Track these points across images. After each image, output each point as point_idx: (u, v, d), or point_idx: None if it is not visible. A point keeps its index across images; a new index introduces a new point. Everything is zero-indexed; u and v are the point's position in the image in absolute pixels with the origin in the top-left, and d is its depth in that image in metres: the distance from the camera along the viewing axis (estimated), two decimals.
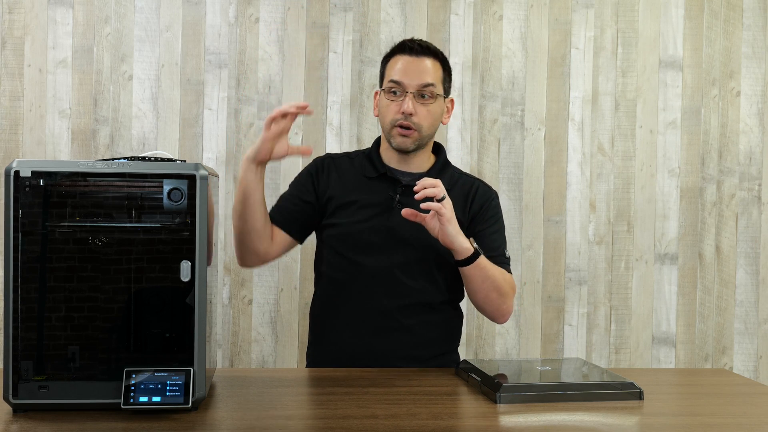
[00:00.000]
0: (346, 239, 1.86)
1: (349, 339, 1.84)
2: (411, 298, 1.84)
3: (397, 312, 1.83)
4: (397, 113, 1.83)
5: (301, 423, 1.26)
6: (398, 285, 1.83)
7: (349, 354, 1.82)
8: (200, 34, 2.63)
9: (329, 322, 1.88)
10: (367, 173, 1.91)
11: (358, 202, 1.87)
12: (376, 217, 1.85)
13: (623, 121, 2.76)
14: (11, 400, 1.28)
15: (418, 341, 1.85)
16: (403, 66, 1.84)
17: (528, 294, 2.73)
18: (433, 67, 1.86)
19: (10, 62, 2.58)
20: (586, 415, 1.35)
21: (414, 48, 1.85)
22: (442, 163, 1.96)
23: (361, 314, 1.84)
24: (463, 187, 1.93)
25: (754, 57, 2.79)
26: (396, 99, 1.84)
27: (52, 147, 2.58)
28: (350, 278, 1.85)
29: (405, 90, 1.83)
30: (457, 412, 1.38)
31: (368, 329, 1.83)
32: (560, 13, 2.74)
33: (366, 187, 1.89)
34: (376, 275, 1.83)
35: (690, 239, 2.78)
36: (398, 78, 1.83)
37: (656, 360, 2.77)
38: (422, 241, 1.81)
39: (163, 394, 1.26)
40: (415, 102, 1.83)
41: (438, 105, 1.88)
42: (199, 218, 1.30)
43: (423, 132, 1.86)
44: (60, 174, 1.29)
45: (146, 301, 1.31)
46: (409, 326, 1.84)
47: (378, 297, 1.83)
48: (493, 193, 1.97)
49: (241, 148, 2.63)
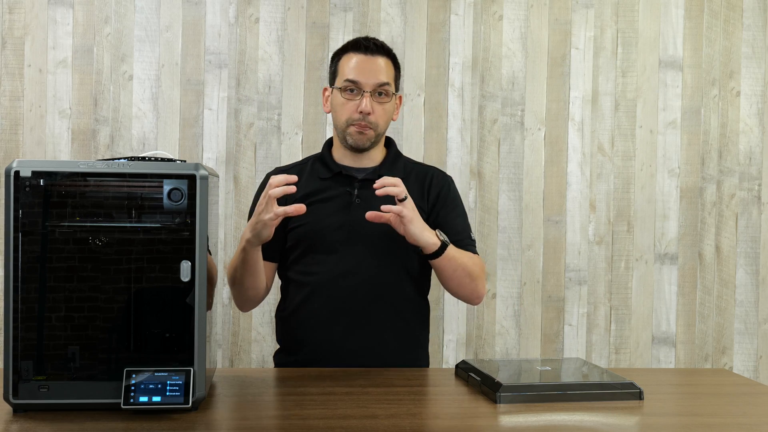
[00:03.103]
0: (311, 239, 1.86)
1: (321, 338, 1.84)
2: (380, 292, 1.84)
3: (367, 307, 1.83)
4: (354, 112, 1.84)
5: (301, 423, 1.26)
6: (366, 280, 1.83)
7: (322, 353, 1.83)
8: (200, 34, 2.64)
9: (300, 324, 1.88)
10: (321, 174, 1.92)
11: (316, 202, 1.88)
12: (336, 214, 1.86)
13: (623, 121, 2.76)
14: (11, 400, 1.28)
15: (390, 333, 1.85)
16: (358, 65, 1.85)
17: (528, 294, 2.73)
18: (387, 66, 1.87)
19: (10, 62, 2.58)
20: (586, 415, 1.35)
21: (369, 47, 1.86)
22: (394, 155, 1.97)
23: (331, 313, 1.83)
24: (418, 175, 1.95)
25: (754, 57, 2.79)
26: (352, 98, 1.85)
27: (52, 147, 2.58)
28: (317, 278, 1.85)
29: (362, 89, 1.84)
30: (457, 412, 1.38)
31: (340, 327, 1.83)
32: (560, 13, 2.74)
33: (322, 188, 1.90)
34: (343, 272, 1.83)
35: (690, 239, 2.78)
36: (354, 77, 1.84)
37: (656, 360, 2.77)
38: (385, 235, 1.81)
39: (163, 394, 1.26)
40: (372, 101, 1.84)
41: (392, 103, 1.90)
42: (199, 218, 1.30)
43: (379, 130, 1.88)
44: (60, 174, 1.29)
45: (146, 301, 1.31)
46: (380, 320, 1.84)
47: (347, 294, 1.83)
48: (449, 179, 1.99)
49: (241, 148, 2.63)
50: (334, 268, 1.83)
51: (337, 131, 1.91)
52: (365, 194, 1.86)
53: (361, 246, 1.84)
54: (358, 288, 1.83)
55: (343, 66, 1.87)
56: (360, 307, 1.83)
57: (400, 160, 1.98)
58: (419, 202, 1.87)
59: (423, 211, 1.86)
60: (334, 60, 1.92)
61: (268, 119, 2.65)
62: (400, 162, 1.97)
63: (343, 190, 1.88)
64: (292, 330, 1.91)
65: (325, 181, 1.91)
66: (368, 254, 1.84)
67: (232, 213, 2.63)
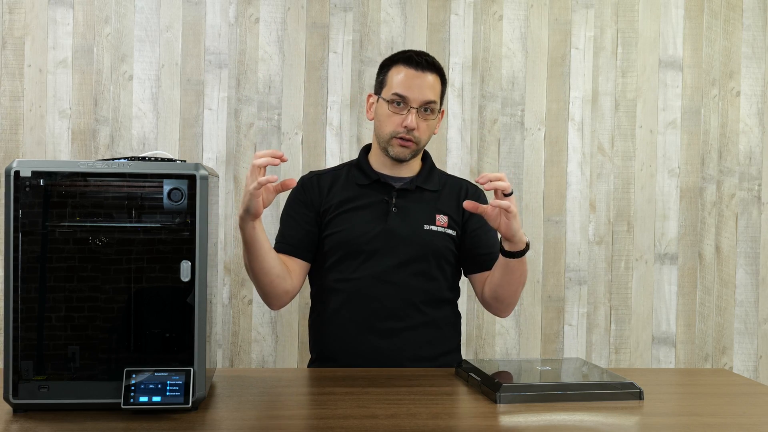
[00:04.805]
0: (347, 245, 1.87)
1: (355, 346, 1.85)
2: (415, 298, 1.87)
3: (402, 312, 1.86)
4: (399, 126, 1.86)
5: (301, 423, 1.26)
6: (401, 286, 1.86)
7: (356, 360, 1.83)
8: (200, 34, 2.64)
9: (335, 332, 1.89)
10: (358, 181, 1.93)
11: (354, 209, 1.89)
12: (373, 222, 1.88)
13: (623, 121, 2.76)
14: (11, 400, 1.28)
15: (424, 340, 1.88)
16: (407, 80, 1.85)
17: (528, 294, 2.73)
18: (435, 83, 1.88)
19: (10, 62, 2.58)
20: (586, 415, 1.35)
21: (420, 63, 1.87)
22: (430, 167, 2.00)
23: (367, 318, 1.85)
24: (453, 187, 1.98)
25: (754, 57, 2.79)
26: (398, 111, 1.86)
27: (52, 147, 2.58)
28: (353, 284, 1.86)
29: (408, 105, 1.85)
30: (457, 412, 1.38)
31: (375, 332, 1.85)
32: (560, 13, 2.74)
33: (359, 195, 1.91)
34: (380, 278, 1.85)
35: (690, 239, 2.78)
36: (402, 92, 1.85)
37: (656, 360, 2.77)
38: (421, 242, 1.86)
39: (163, 394, 1.26)
40: (418, 117, 1.85)
41: (436, 119, 1.92)
42: (199, 218, 1.30)
43: (421, 144, 1.90)
44: (60, 174, 1.29)
45: (146, 301, 1.31)
46: (414, 326, 1.87)
47: (382, 299, 1.85)
48: (480, 192, 2.01)
49: (241, 148, 2.63)
50: (369, 275, 1.85)
51: (378, 140, 1.92)
52: (402, 203, 1.89)
53: (397, 254, 1.86)
54: (393, 296, 1.85)
55: (392, 78, 1.87)
56: (394, 314, 1.85)
57: (435, 171, 2.00)
58: (453, 213, 1.92)
59: (456, 223, 1.92)
60: (383, 69, 1.92)
61: (268, 119, 2.65)
62: (435, 173, 1.99)
63: (380, 198, 1.90)
64: (326, 338, 1.91)
65: (362, 188, 1.92)
66: (403, 262, 1.86)
67: (232, 213, 2.63)
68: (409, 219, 1.89)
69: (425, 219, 1.90)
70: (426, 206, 1.91)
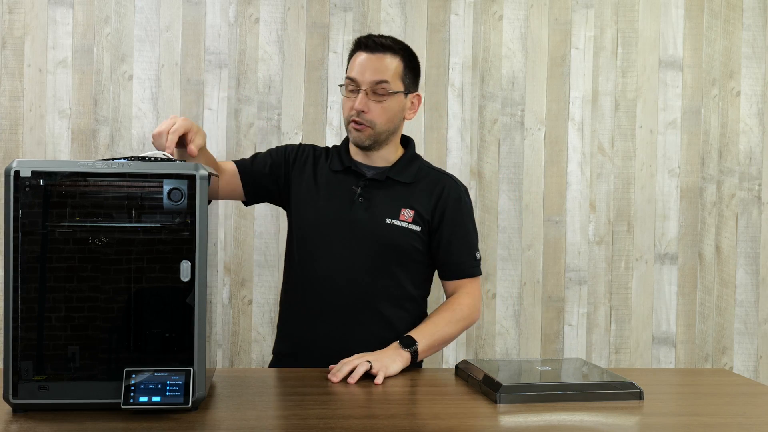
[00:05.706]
0: (309, 229, 1.87)
1: (303, 333, 1.85)
2: (371, 292, 1.83)
3: (353, 308, 1.82)
4: (351, 109, 1.84)
5: (301, 423, 1.26)
6: (357, 280, 1.82)
7: (301, 348, 1.84)
8: (200, 34, 2.63)
9: (290, 315, 1.90)
10: (333, 167, 1.92)
11: (322, 195, 1.88)
12: (337, 210, 1.86)
13: (623, 121, 2.76)
14: (11, 400, 1.28)
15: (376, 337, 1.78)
16: (359, 62, 1.84)
17: (528, 294, 2.73)
18: (391, 64, 1.84)
19: (10, 62, 2.58)
20: (586, 415, 1.35)
21: (369, 44, 1.85)
22: (409, 158, 1.94)
23: (319, 308, 1.83)
24: (429, 184, 1.91)
25: (754, 57, 2.79)
26: (351, 96, 1.85)
27: (52, 147, 2.58)
28: (310, 272, 1.85)
29: (359, 87, 1.83)
30: (457, 412, 1.38)
31: (325, 324, 1.83)
32: (560, 13, 2.74)
33: (331, 180, 1.90)
34: (336, 269, 1.83)
35: (690, 239, 2.78)
36: (353, 75, 1.84)
37: (656, 360, 2.77)
38: (382, 239, 1.82)
39: (163, 394, 1.26)
40: (369, 99, 1.83)
41: (395, 101, 1.86)
42: (199, 218, 1.30)
43: (377, 128, 1.84)
44: (60, 174, 1.29)
45: (146, 301, 1.31)
46: (367, 321, 1.82)
47: (336, 291, 1.82)
48: (461, 190, 1.94)
49: (241, 148, 2.63)
50: (327, 264, 1.83)
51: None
52: (369, 194, 1.86)
53: (356, 245, 1.82)
54: (348, 287, 1.82)
55: (350, 63, 1.88)
56: (347, 305, 1.82)
57: (414, 164, 1.94)
58: (422, 211, 1.86)
59: (426, 222, 1.86)
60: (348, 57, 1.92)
61: (268, 119, 2.65)
62: (413, 166, 1.93)
63: (348, 187, 1.88)
64: (282, 319, 1.94)
65: (336, 173, 1.91)
66: (363, 254, 1.82)
67: (232, 213, 2.63)
68: (372, 210, 1.84)
69: (388, 212, 1.84)
70: (392, 199, 1.85)
